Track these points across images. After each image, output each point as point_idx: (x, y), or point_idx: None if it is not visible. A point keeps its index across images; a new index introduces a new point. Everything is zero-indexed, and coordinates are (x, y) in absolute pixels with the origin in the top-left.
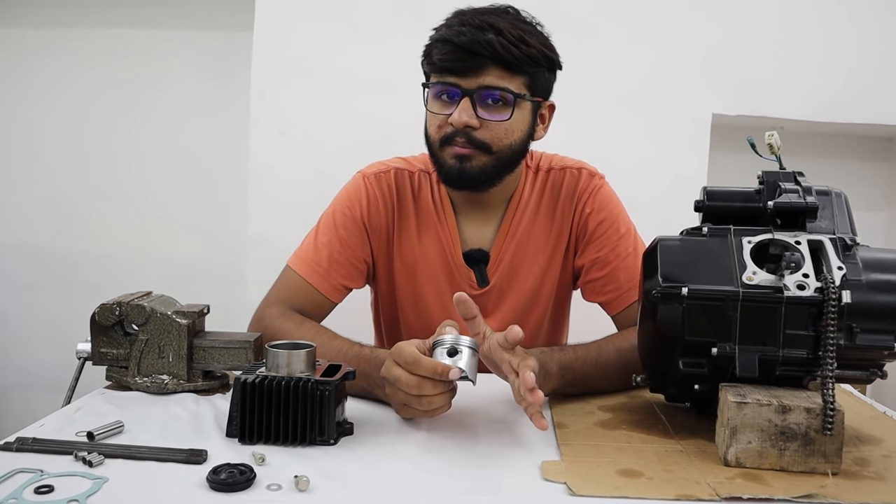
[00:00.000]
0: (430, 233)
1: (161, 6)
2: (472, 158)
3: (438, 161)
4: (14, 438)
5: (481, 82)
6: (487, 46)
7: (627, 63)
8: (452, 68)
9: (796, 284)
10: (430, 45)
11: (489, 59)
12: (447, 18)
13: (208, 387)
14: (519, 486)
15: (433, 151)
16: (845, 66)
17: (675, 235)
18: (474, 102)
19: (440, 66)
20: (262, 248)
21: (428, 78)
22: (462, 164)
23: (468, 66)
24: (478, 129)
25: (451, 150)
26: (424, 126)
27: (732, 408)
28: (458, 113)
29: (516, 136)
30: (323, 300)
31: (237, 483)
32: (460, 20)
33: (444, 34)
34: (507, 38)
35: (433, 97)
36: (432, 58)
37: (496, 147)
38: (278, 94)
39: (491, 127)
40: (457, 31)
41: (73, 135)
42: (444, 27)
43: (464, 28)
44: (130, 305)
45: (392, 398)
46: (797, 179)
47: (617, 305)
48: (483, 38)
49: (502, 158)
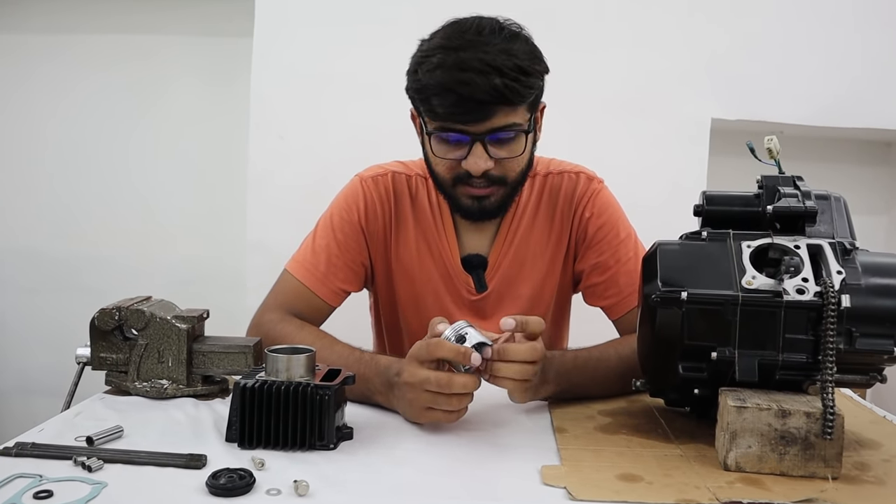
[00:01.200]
0: (427, 238)
1: (161, 11)
2: (492, 196)
3: (452, 197)
4: (13, 443)
5: (490, 126)
6: (493, 93)
7: (627, 68)
8: (460, 119)
9: (796, 289)
10: (424, 89)
11: (496, 103)
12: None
13: (208, 391)
14: (518, 491)
15: (444, 189)
16: (844, 71)
17: (675, 240)
18: (485, 145)
19: (445, 116)
20: (261, 253)
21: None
22: (481, 202)
23: (477, 116)
24: (493, 168)
25: (467, 191)
26: (426, 159)
27: (732, 412)
28: (474, 161)
29: (525, 160)
30: (321, 304)
31: (237, 488)
32: (456, 62)
33: (443, 81)
34: (509, 77)
35: (437, 142)
36: (433, 107)
37: (510, 179)
38: (278, 99)
39: (504, 163)
40: (458, 80)
41: (73, 139)
42: (438, 69)
43: (464, 76)
44: (130, 310)
45: (414, 403)
46: (796, 184)
47: (618, 310)
48: (488, 86)
49: (515, 185)
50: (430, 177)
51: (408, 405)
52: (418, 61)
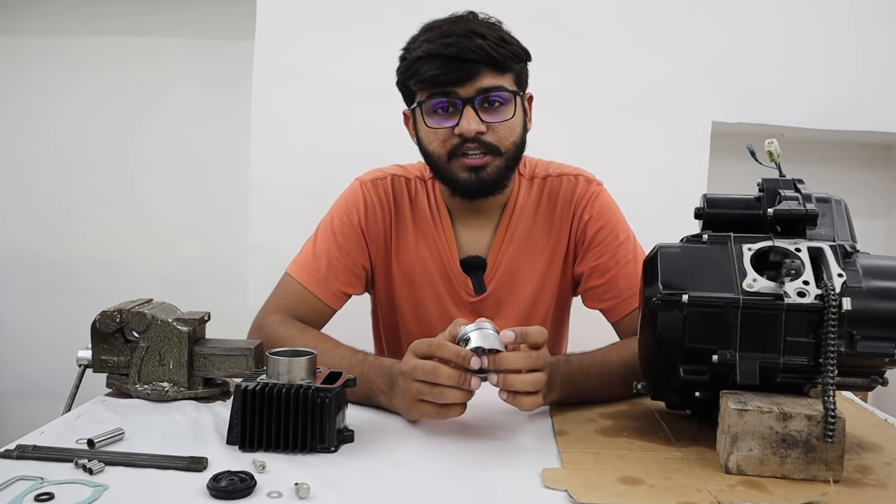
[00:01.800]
0: (427, 240)
1: (162, 14)
2: (487, 166)
3: (448, 175)
4: (14, 446)
5: (478, 87)
6: (479, 52)
7: (627, 71)
8: (447, 80)
9: (796, 291)
10: (412, 64)
11: (482, 63)
12: (417, 36)
13: (209, 394)
14: (520, 494)
15: (440, 167)
16: (845, 74)
17: (676, 243)
18: (475, 108)
19: (434, 80)
20: (262, 255)
21: (412, 97)
22: (478, 173)
23: (464, 75)
24: (486, 134)
25: (462, 163)
26: (420, 144)
27: (733, 415)
28: (466, 122)
29: (518, 133)
30: (322, 307)
31: (237, 490)
32: (439, 33)
33: (429, 49)
34: (492, 40)
35: (429, 113)
36: (422, 75)
37: (504, 147)
38: (279, 102)
39: (496, 129)
40: (443, 44)
41: (73, 142)
42: (424, 42)
43: (449, 39)
44: (131, 313)
45: (405, 394)
46: (797, 187)
47: (618, 312)
48: (473, 45)
49: (510, 158)
50: (427, 162)
51: (401, 396)
52: (405, 49)
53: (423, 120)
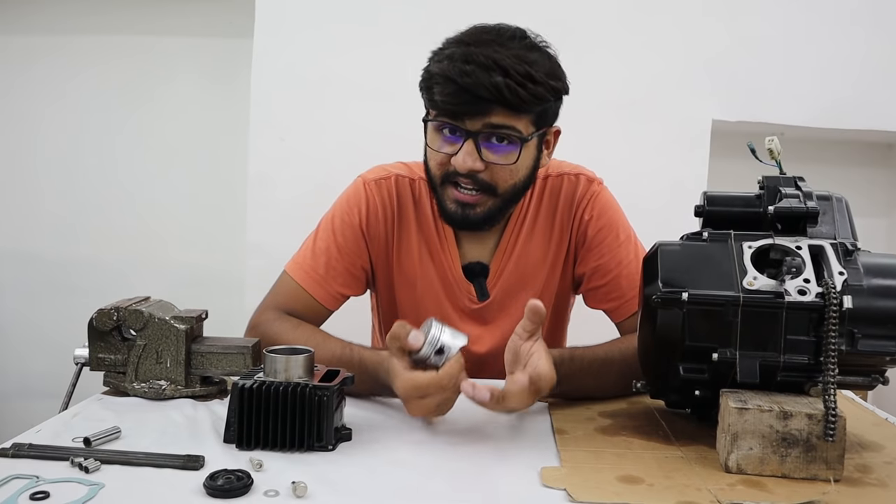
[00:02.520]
0: (429, 244)
1: (160, 12)
2: (477, 205)
3: (439, 199)
4: (10, 444)
5: (486, 122)
6: (493, 90)
7: (627, 68)
8: (455, 110)
9: (797, 290)
10: (430, 78)
11: (494, 102)
12: (448, 45)
13: (206, 392)
14: (518, 493)
15: (433, 186)
16: (845, 73)
17: (676, 240)
18: (478, 143)
19: (442, 106)
20: (260, 255)
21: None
22: (465, 210)
23: (473, 109)
24: (483, 172)
25: (453, 194)
26: (424, 156)
27: (733, 414)
28: (462, 158)
29: (521, 175)
30: (319, 308)
31: (234, 489)
32: (464, 56)
33: (447, 71)
34: (514, 79)
35: (433, 132)
36: (433, 94)
37: (501, 189)
38: (278, 101)
39: (495, 169)
40: (460, 71)
41: (71, 141)
42: (447, 60)
43: (468, 67)
44: (128, 310)
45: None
46: (798, 184)
47: (621, 313)
48: (489, 82)
49: (507, 199)
50: (424, 172)
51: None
52: (432, 54)
53: (427, 136)
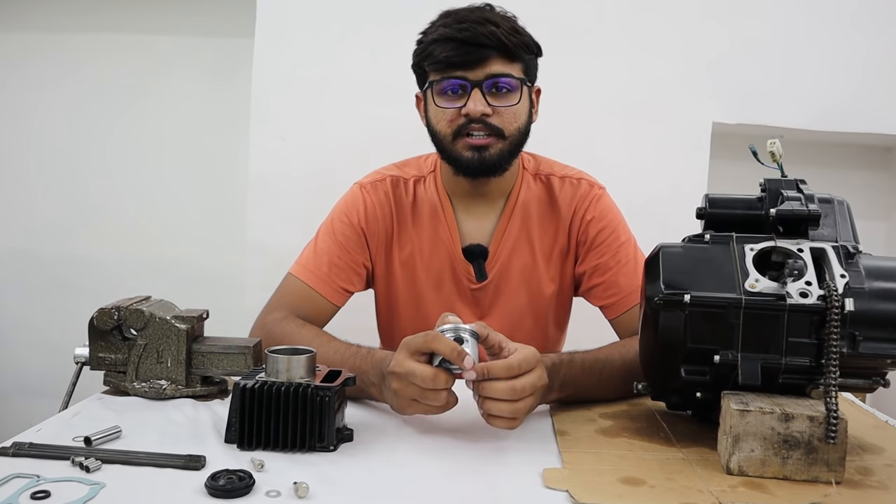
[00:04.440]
0: (429, 231)
1: (161, 10)
2: (490, 147)
3: (453, 154)
4: (10, 443)
5: (488, 72)
6: (492, 38)
7: (628, 71)
8: (459, 63)
9: (799, 292)
10: (427, 46)
11: (494, 49)
12: (436, 21)
13: (207, 392)
14: (520, 494)
15: (444, 146)
16: (846, 76)
17: (678, 242)
18: (483, 91)
19: (446, 62)
20: (261, 255)
21: (424, 78)
22: (481, 153)
23: (474, 59)
24: (491, 116)
25: (466, 142)
26: (428, 124)
27: (735, 416)
28: (473, 103)
29: (522, 120)
30: (325, 304)
31: (236, 489)
32: (455, 19)
33: (444, 33)
34: (506, 29)
35: (439, 94)
36: (435, 56)
37: (508, 132)
38: (278, 100)
39: (502, 113)
40: (458, 29)
41: (71, 140)
42: (440, 27)
43: (464, 24)
44: (129, 310)
45: (400, 394)
46: (799, 187)
47: (616, 309)
48: (486, 31)
49: (514, 142)
50: (433, 141)
51: (393, 395)
52: (423, 33)
53: (434, 100)
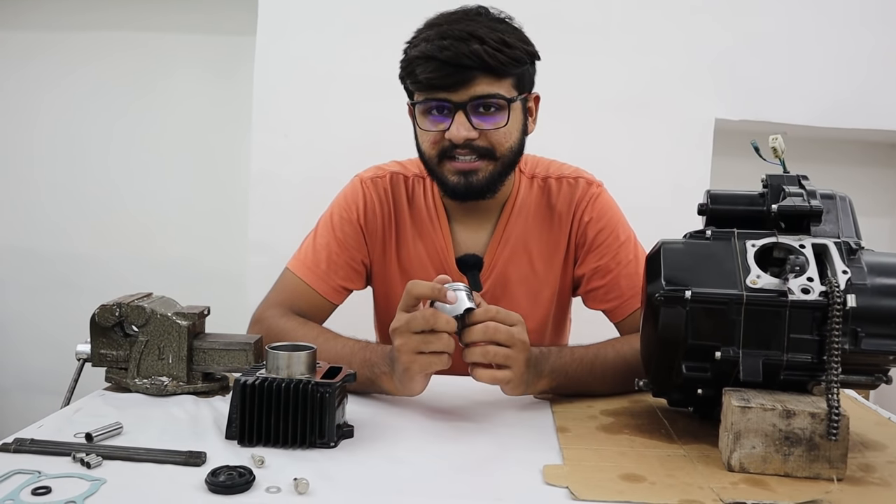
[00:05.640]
0: (424, 237)
1: (162, 8)
2: (478, 171)
3: (439, 177)
4: (12, 439)
5: (472, 93)
6: (474, 57)
7: (630, 68)
8: (440, 85)
9: (801, 288)
10: (409, 63)
11: (477, 69)
12: (420, 31)
13: (208, 389)
14: (520, 490)
15: (431, 167)
16: (849, 72)
17: (679, 239)
18: (467, 113)
19: (427, 84)
20: (262, 252)
21: (411, 95)
22: (468, 178)
23: (457, 80)
24: (478, 139)
25: (452, 167)
26: (416, 142)
27: (736, 412)
28: (456, 128)
29: (514, 138)
30: (322, 302)
31: (236, 485)
32: (438, 33)
33: (426, 50)
34: (491, 45)
35: (422, 114)
36: (416, 76)
37: (499, 152)
38: (281, 98)
39: (489, 134)
40: (439, 46)
41: (72, 137)
42: (422, 42)
43: (445, 42)
44: (130, 306)
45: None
46: (801, 183)
47: (620, 313)
48: (468, 50)
49: (505, 163)
50: (420, 160)
51: (399, 355)
52: (407, 45)
53: (417, 120)
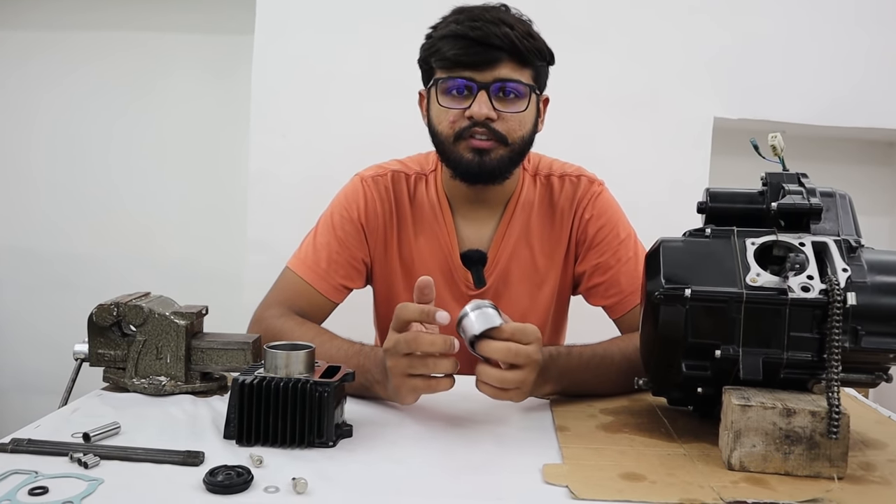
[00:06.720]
0: (427, 233)
1: (161, 8)
2: (491, 151)
3: (453, 156)
4: (9, 439)
5: (496, 75)
6: (504, 39)
7: (629, 66)
8: (468, 62)
9: (801, 286)
10: (435, 42)
11: (505, 51)
12: (448, 17)
13: (206, 388)
14: (520, 490)
15: (445, 147)
16: (847, 70)
17: (678, 237)
18: (490, 94)
19: (454, 60)
20: (261, 252)
21: (430, 75)
22: (482, 157)
23: (484, 60)
24: (496, 122)
25: (468, 144)
26: (430, 123)
27: (736, 411)
28: (479, 106)
29: (528, 128)
30: (323, 301)
31: (234, 485)
32: (469, 16)
33: (455, 30)
34: (520, 32)
35: (443, 93)
36: (443, 53)
37: (511, 139)
38: (279, 98)
39: (507, 119)
40: (470, 26)
41: (71, 137)
42: (452, 23)
43: (476, 23)
44: (128, 306)
45: (394, 372)
46: (801, 181)
47: (619, 309)
48: (499, 32)
49: (516, 150)
50: (434, 142)
51: (390, 376)
52: (433, 28)
53: (437, 98)
